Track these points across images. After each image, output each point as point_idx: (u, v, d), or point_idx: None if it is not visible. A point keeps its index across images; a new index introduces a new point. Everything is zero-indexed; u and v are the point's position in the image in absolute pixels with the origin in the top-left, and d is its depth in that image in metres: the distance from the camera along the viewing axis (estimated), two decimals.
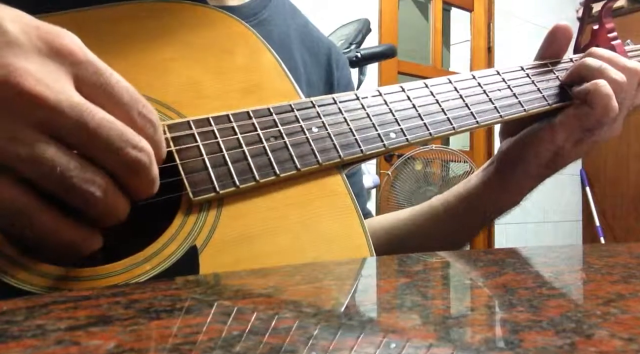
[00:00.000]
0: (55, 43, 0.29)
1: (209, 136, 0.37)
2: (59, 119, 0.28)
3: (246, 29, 0.45)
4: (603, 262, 0.33)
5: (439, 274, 0.33)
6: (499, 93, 0.51)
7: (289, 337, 0.17)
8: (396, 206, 2.12)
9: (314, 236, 0.38)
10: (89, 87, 0.30)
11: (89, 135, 0.29)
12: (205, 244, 0.34)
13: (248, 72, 0.43)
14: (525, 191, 0.58)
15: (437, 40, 2.76)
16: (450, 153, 2.19)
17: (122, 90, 0.31)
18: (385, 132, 0.43)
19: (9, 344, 0.16)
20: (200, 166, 0.36)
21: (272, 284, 0.28)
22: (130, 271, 0.32)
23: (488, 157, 2.91)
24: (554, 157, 0.55)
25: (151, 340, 0.17)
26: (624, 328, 0.18)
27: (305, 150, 0.40)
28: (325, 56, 0.64)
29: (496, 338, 0.18)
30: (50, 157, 0.28)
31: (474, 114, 0.48)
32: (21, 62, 0.28)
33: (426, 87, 0.48)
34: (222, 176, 0.36)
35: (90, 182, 0.29)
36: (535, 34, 3.12)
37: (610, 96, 0.50)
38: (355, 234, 0.39)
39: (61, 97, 0.28)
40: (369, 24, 1.80)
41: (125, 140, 0.30)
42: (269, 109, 0.40)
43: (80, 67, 0.30)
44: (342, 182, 0.41)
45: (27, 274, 0.30)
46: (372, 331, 0.19)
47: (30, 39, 0.29)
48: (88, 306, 0.22)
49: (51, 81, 0.28)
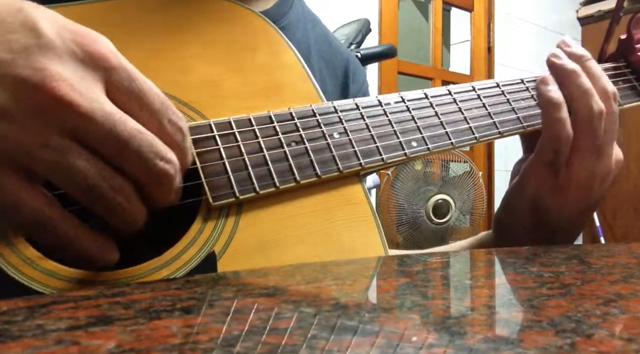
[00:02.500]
0: (89, 48, 0.29)
1: (230, 139, 0.37)
2: (91, 128, 0.28)
3: (268, 26, 0.44)
4: (603, 262, 0.33)
5: (439, 274, 0.33)
6: (523, 103, 0.50)
7: (289, 337, 0.17)
8: (396, 206, 2.12)
9: (333, 246, 0.37)
10: (121, 93, 0.30)
11: (120, 145, 0.28)
12: (224, 251, 0.34)
13: (269, 72, 0.42)
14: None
15: (437, 40, 2.76)
16: (450, 153, 2.19)
17: (153, 97, 0.31)
18: (406, 140, 0.43)
19: (9, 344, 0.16)
20: (220, 170, 0.36)
21: (272, 284, 0.27)
22: (150, 276, 0.32)
23: (488, 157, 2.91)
24: (535, 214, 0.48)
25: (151, 340, 0.17)
26: (624, 328, 0.18)
27: (326, 156, 0.39)
28: (342, 68, 0.62)
29: (496, 338, 0.18)
30: (81, 167, 0.28)
31: (497, 124, 0.47)
32: (56, 66, 0.27)
33: (449, 94, 0.47)
34: (242, 180, 0.36)
35: (119, 192, 0.29)
36: (535, 34, 3.12)
37: (560, 120, 0.44)
38: (374, 245, 0.39)
39: (95, 105, 0.28)
40: (369, 24, 1.80)
41: (155, 151, 0.29)
42: (291, 113, 0.40)
43: (113, 73, 0.29)
44: (362, 191, 0.40)
45: (45, 277, 0.30)
46: (372, 331, 0.19)
47: (65, 43, 0.28)
48: (88, 306, 0.22)
49: (85, 88, 0.28)
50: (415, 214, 2.13)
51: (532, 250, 0.39)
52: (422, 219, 2.13)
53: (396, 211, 2.12)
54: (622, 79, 0.57)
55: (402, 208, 2.12)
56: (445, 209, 2.14)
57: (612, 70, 0.57)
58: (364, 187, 0.41)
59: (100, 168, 0.28)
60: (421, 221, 2.13)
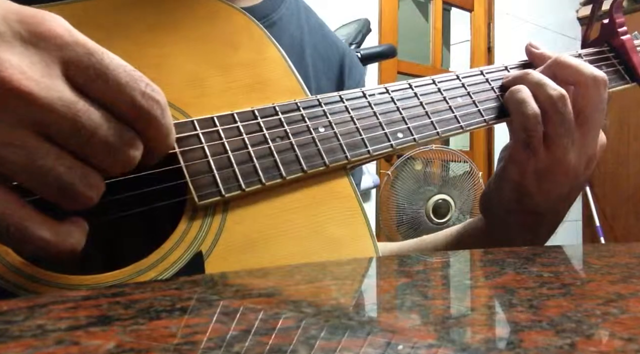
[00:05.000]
0: (39, 28, 0.26)
1: (213, 137, 0.37)
2: (53, 120, 0.26)
3: (250, 22, 0.44)
4: (603, 262, 0.33)
5: (439, 274, 0.33)
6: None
7: (289, 337, 0.17)
8: (396, 206, 2.12)
9: (322, 241, 0.37)
10: (81, 71, 0.27)
11: (86, 137, 0.27)
12: (211, 250, 0.34)
13: (252, 68, 0.42)
14: (520, 244, 0.51)
15: (437, 40, 2.76)
16: (450, 153, 2.18)
17: (117, 69, 0.28)
18: (392, 131, 0.43)
19: (9, 344, 0.16)
20: (205, 168, 0.35)
21: (272, 284, 0.27)
22: (136, 279, 0.32)
23: (488, 157, 2.90)
24: (520, 199, 0.48)
25: (151, 340, 0.17)
26: (624, 328, 0.18)
27: (312, 151, 0.39)
28: (337, 62, 0.61)
29: (496, 338, 0.18)
30: (49, 165, 0.26)
31: (482, 112, 0.47)
32: (4, 53, 0.25)
33: (433, 83, 0.47)
34: (228, 178, 0.36)
35: (94, 188, 0.28)
36: (535, 34, 3.11)
37: (523, 101, 0.45)
38: (362, 238, 0.38)
39: (52, 94, 0.26)
40: (369, 24, 1.80)
41: (126, 139, 0.28)
42: (275, 108, 0.40)
43: (68, 49, 0.27)
44: (349, 185, 0.40)
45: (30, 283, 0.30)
46: (372, 331, 0.19)
47: (11, 26, 0.26)
48: (88, 306, 0.22)
49: (39, 74, 0.25)
50: (415, 214, 2.13)
51: (532, 250, 0.39)
52: (422, 219, 2.13)
53: (396, 211, 2.12)
54: (605, 63, 0.56)
55: (402, 208, 2.12)
56: (445, 209, 2.14)
57: (595, 54, 0.57)
58: (351, 181, 0.40)
59: (71, 166, 0.27)
60: (421, 221, 2.13)
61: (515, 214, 0.50)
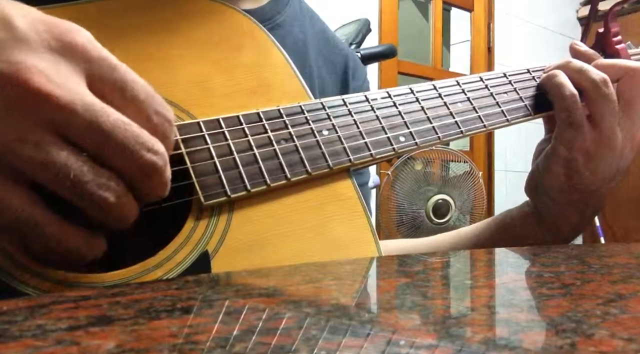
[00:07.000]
0: (66, 39, 0.28)
1: (219, 138, 0.37)
2: (72, 120, 0.27)
3: (254, 25, 0.44)
4: (603, 262, 0.33)
5: (439, 274, 0.33)
6: (506, 96, 0.51)
7: (289, 337, 0.17)
8: (396, 206, 2.12)
9: (325, 242, 0.37)
10: (103, 84, 0.29)
11: (103, 137, 0.28)
12: (216, 250, 0.34)
13: (257, 71, 0.43)
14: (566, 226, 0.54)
15: (437, 40, 2.76)
16: (450, 153, 2.19)
17: (138, 87, 0.30)
18: (394, 135, 0.43)
19: (9, 344, 0.16)
20: (211, 169, 0.36)
21: (272, 284, 0.27)
22: (142, 277, 0.32)
23: (488, 157, 2.91)
24: (570, 175, 0.51)
25: (151, 340, 0.17)
26: (624, 328, 0.18)
27: (316, 153, 0.40)
28: (341, 65, 0.62)
29: (496, 338, 0.18)
30: (63, 161, 0.27)
31: (482, 117, 0.48)
32: (31, 59, 0.27)
33: (434, 89, 0.48)
34: (233, 179, 0.36)
35: (105, 187, 0.28)
36: (535, 34, 3.12)
37: (560, 84, 0.50)
38: (365, 239, 0.39)
39: (74, 97, 0.27)
40: (369, 24, 1.80)
41: (141, 142, 0.29)
42: (279, 111, 0.40)
43: (93, 63, 0.29)
44: (352, 187, 0.41)
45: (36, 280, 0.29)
46: (372, 331, 0.19)
47: (40, 35, 0.27)
48: (88, 306, 0.22)
49: (62, 79, 0.27)
50: (415, 214, 2.13)
51: (532, 250, 0.39)
52: (422, 219, 2.13)
53: (396, 211, 2.12)
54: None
55: (402, 208, 2.12)
56: (445, 209, 2.14)
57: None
58: (354, 183, 0.41)
59: (84, 163, 0.28)
60: (421, 221, 2.13)
61: (565, 193, 0.53)
